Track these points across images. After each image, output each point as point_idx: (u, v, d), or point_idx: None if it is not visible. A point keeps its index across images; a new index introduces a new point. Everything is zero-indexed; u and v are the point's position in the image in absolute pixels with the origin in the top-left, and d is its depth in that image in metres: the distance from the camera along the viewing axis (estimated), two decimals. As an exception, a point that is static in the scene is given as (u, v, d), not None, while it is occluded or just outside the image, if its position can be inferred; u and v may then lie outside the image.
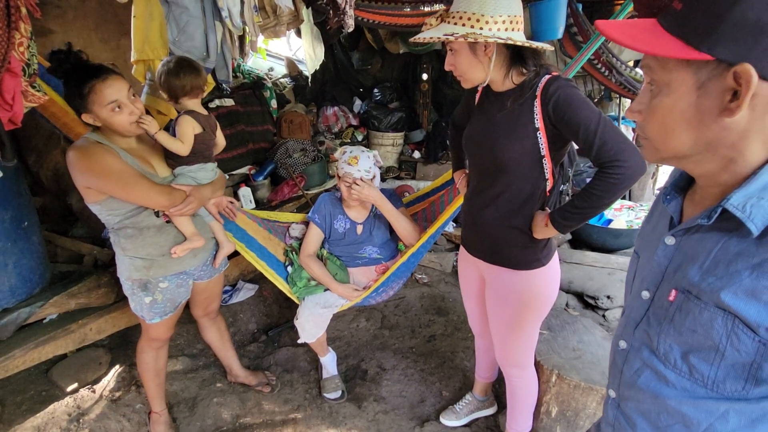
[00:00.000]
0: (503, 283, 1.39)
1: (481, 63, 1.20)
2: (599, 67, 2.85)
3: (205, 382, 2.11)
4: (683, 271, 0.60)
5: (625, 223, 2.87)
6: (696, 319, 0.57)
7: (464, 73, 1.23)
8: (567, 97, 1.14)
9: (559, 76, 1.20)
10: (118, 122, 1.33)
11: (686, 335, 0.59)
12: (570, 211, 1.19)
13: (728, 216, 0.54)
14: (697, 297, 0.57)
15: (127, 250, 1.48)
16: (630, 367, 0.69)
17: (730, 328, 0.54)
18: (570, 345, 1.71)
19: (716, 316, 0.55)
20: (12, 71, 0.92)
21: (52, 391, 2.00)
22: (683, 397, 0.61)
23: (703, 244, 0.58)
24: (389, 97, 4.39)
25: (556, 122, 1.17)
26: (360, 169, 1.84)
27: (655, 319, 0.65)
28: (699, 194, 0.63)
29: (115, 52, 2.75)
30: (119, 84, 1.32)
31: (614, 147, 1.09)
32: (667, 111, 0.55)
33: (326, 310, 1.91)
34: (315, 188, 3.38)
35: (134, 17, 1.76)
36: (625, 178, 1.09)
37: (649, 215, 0.78)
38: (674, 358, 0.61)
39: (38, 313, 1.74)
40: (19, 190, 1.70)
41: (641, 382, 0.67)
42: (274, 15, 2.30)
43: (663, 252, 0.65)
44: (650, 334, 0.65)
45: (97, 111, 1.30)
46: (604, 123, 1.11)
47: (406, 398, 2.05)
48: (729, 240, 0.55)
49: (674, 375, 0.62)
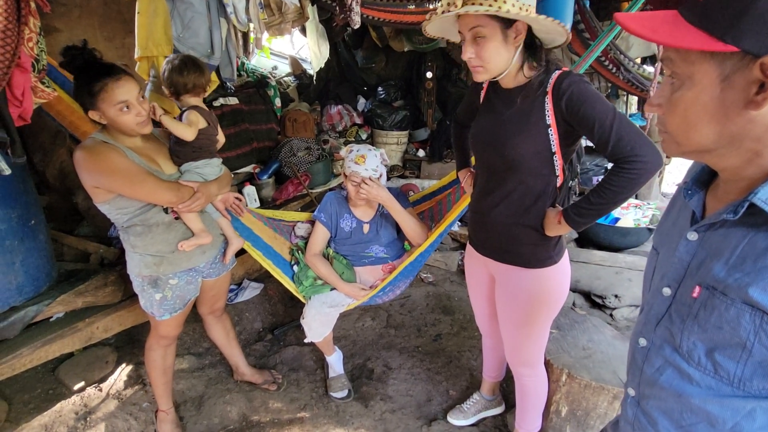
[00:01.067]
0: (515, 282, 1.38)
1: (508, 51, 1.16)
2: (607, 64, 2.82)
3: (211, 381, 2.11)
4: (707, 267, 0.59)
5: (632, 222, 2.84)
6: (722, 315, 0.56)
7: (488, 62, 1.15)
8: (581, 93, 1.12)
9: (570, 71, 1.18)
10: (123, 122, 1.33)
11: (711, 332, 0.58)
12: (585, 207, 1.17)
13: (755, 210, 0.53)
14: (723, 293, 0.56)
15: (136, 248, 1.49)
16: (651, 365, 0.68)
17: (758, 324, 0.52)
18: (580, 344, 1.69)
19: (744, 313, 0.53)
20: (22, 66, 0.92)
21: (59, 390, 2.00)
22: (708, 396, 0.60)
23: (729, 239, 0.57)
24: (393, 96, 4.37)
25: (570, 118, 1.15)
26: (368, 168, 1.83)
27: (677, 316, 0.63)
28: (722, 189, 0.62)
29: (120, 50, 2.75)
30: (130, 85, 1.32)
31: (631, 142, 1.07)
32: (689, 104, 0.54)
33: (333, 309, 1.90)
34: (319, 187, 3.37)
35: (138, 14, 1.75)
36: (642, 173, 1.08)
37: (668, 210, 0.76)
38: (698, 356, 0.60)
39: (45, 311, 1.74)
40: (25, 188, 1.70)
41: (663, 380, 0.65)
42: (279, 12, 2.29)
43: (685, 248, 0.63)
44: (672, 331, 0.64)
45: (105, 109, 1.30)
46: (619, 118, 1.09)
47: (413, 397, 2.03)
48: (756, 235, 0.54)
49: (698, 373, 0.60)
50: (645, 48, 3.21)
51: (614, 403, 1.49)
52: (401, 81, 4.59)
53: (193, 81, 1.51)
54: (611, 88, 3.66)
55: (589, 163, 3.39)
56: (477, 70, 1.18)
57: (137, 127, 1.36)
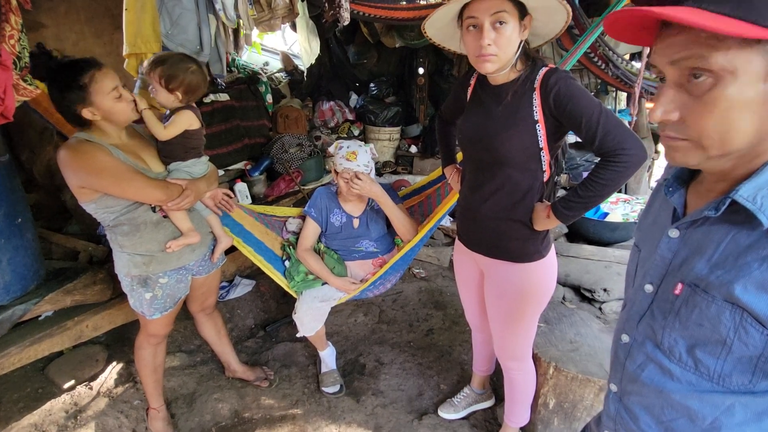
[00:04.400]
0: (504, 276, 1.39)
1: (517, 42, 1.16)
2: (596, 60, 2.84)
3: (203, 378, 2.11)
4: (689, 265, 0.59)
5: (621, 217, 2.88)
6: (703, 312, 0.56)
7: (504, 50, 1.14)
8: (568, 89, 1.14)
9: (557, 68, 1.20)
10: (121, 110, 1.33)
11: (692, 329, 0.58)
12: (573, 200, 1.19)
13: (737, 208, 0.53)
14: (704, 290, 0.56)
15: (124, 247, 1.47)
16: (633, 362, 0.68)
17: (738, 321, 0.53)
18: (567, 337, 1.72)
19: (724, 310, 0.54)
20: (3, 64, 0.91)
21: (49, 389, 1.99)
22: (688, 391, 0.61)
23: (711, 236, 0.57)
24: (385, 92, 4.37)
25: (557, 114, 1.17)
26: (359, 164, 1.84)
27: (659, 313, 0.64)
28: (704, 186, 0.62)
29: (108, 46, 2.72)
30: (112, 73, 1.32)
31: (617, 136, 1.09)
32: (731, 102, 0.49)
33: (324, 304, 1.91)
34: (312, 183, 3.37)
35: (126, 10, 1.73)
36: (629, 166, 1.10)
37: (648, 207, 0.77)
38: (679, 352, 0.61)
39: (34, 310, 1.72)
40: (12, 186, 1.68)
41: (645, 376, 0.66)
42: (269, 8, 2.28)
43: (667, 245, 0.63)
44: (654, 328, 0.64)
45: (100, 101, 1.29)
46: (605, 113, 1.11)
47: (404, 392, 2.05)
48: (738, 232, 0.54)
49: (679, 369, 0.61)
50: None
51: (600, 395, 1.52)
52: (393, 77, 4.58)
53: (200, 80, 1.49)
54: (601, 84, 3.69)
55: (579, 159, 3.42)
56: (489, 59, 1.15)
57: (132, 114, 1.37)
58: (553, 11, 1.15)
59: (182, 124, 1.50)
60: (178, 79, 1.44)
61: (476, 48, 1.15)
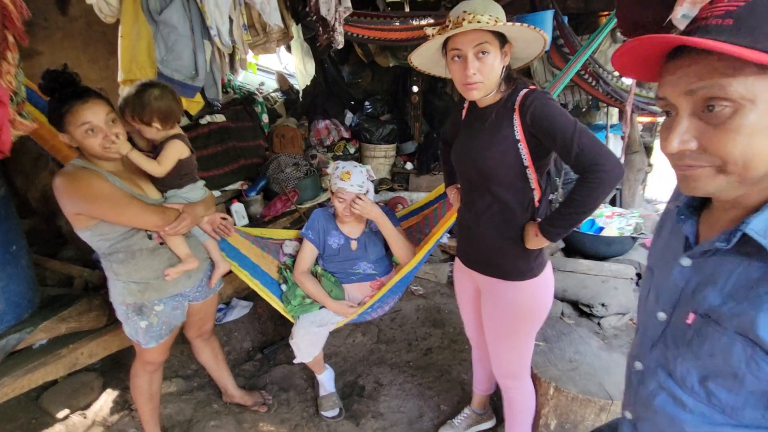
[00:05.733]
0: (498, 294, 1.40)
1: (500, 69, 1.21)
2: (586, 78, 2.89)
3: (200, 404, 2.08)
4: (702, 294, 0.58)
5: (616, 231, 2.89)
6: (715, 344, 0.56)
7: (488, 78, 1.19)
8: (543, 108, 1.17)
9: (535, 89, 1.25)
10: (89, 145, 1.31)
11: (704, 360, 0.57)
12: (557, 218, 1.21)
13: (747, 239, 0.53)
14: (716, 322, 0.55)
15: (120, 275, 1.46)
16: (645, 388, 0.67)
17: (749, 355, 0.52)
18: (566, 356, 1.71)
19: (735, 343, 0.53)
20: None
21: (43, 419, 1.95)
22: (701, 423, 0.59)
23: (723, 267, 0.57)
24: (380, 110, 4.42)
25: (535, 132, 1.20)
26: (353, 184, 1.85)
27: (672, 342, 0.63)
28: (715, 214, 0.62)
29: (104, 72, 2.74)
30: (97, 107, 1.29)
31: (591, 152, 1.11)
32: (755, 129, 0.49)
33: (322, 329, 1.89)
34: (308, 202, 3.38)
35: (121, 37, 1.76)
36: (604, 182, 1.11)
37: (659, 230, 0.76)
38: (692, 383, 0.60)
39: (28, 338, 1.70)
40: (7, 213, 1.67)
41: (657, 403, 0.65)
42: (264, 32, 2.32)
43: (679, 273, 0.63)
44: (667, 356, 0.63)
45: (72, 131, 1.29)
46: (580, 131, 1.14)
47: (404, 414, 2.03)
48: (750, 264, 0.53)
49: (692, 400, 0.60)
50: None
51: (601, 415, 1.50)
52: (388, 95, 4.65)
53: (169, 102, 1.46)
54: (592, 101, 3.74)
55: (573, 174, 3.44)
56: (476, 87, 1.20)
57: (103, 152, 1.32)
58: (531, 39, 1.20)
59: (174, 155, 1.49)
60: (147, 109, 1.41)
61: (462, 77, 1.20)
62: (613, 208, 3.12)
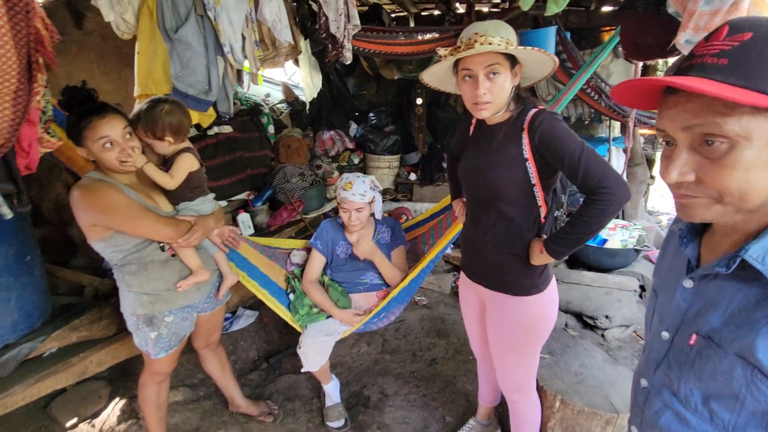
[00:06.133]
0: (502, 309, 1.42)
1: (509, 89, 1.24)
2: (589, 92, 2.94)
3: (206, 413, 2.09)
4: (704, 317, 0.60)
5: (619, 243, 2.91)
6: (716, 366, 0.57)
7: (498, 98, 1.22)
8: (551, 129, 1.20)
9: (544, 109, 1.27)
10: (106, 159, 1.34)
11: (706, 381, 0.59)
12: (563, 237, 1.23)
13: (746, 265, 0.55)
14: (717, 344, 0.57)
15: (131, 287, 1.49)
16: (651, 407, 0.69)
17: (749, 377, 0.54)
18: (572, 369, 1.72)
19: (736, 365, 0.55)
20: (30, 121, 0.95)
21: (52, 427, 1.96)
22: None
23: (724, 290, 0.58)
24: (385, 121, 4.48)
25: (543, 152, 1.23)
26: (354, 193, 1.89)
27: (675, 362, 0.65)
28: (716, 238, 0.63)
29: (117, 83, 2.81)
30: (115, 122, 1.33)
31: (598, 174, 1.14)
32: (750, 165, 0.51)
33: (329, 338, 1.91)
34: (313, 212, 3.41)
35: (138, 54, 1.81)
36: (610, 203, 1.14)
37: (663, 251, 0.78)
38: (695, 403, 0.61)
39: (39, 347, 1.73)
40: (22, 225, 1.71)
41: (662, 422, 0.66)
42: (273, 47, 2.38)
43: (681, 295, 0.65)
44: (671, 376, 0.65)
45: (89, 146, 1.33)
46: (587, 152, 1.17)
47: (409, 425, 2.03)
48: (750, 289, 0.55)
49: (695, 419, 0.61)
50: (625, 76, 3.35)
51: (607, 428, 1.52)
52: (392, 107, 4.71)
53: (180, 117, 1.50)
54: (594, 114, 3.79)
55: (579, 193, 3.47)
56: (485, 107, 1.23)
57: (120, 166, 1.36)
58: (540, 61, 1.23)
59: (185, 168, 1.53)
60: (159, 125, 1.45)
61: (473, 96, 1.22)
62: (616, 221, 3.15)
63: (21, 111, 0.91)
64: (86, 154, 1.36)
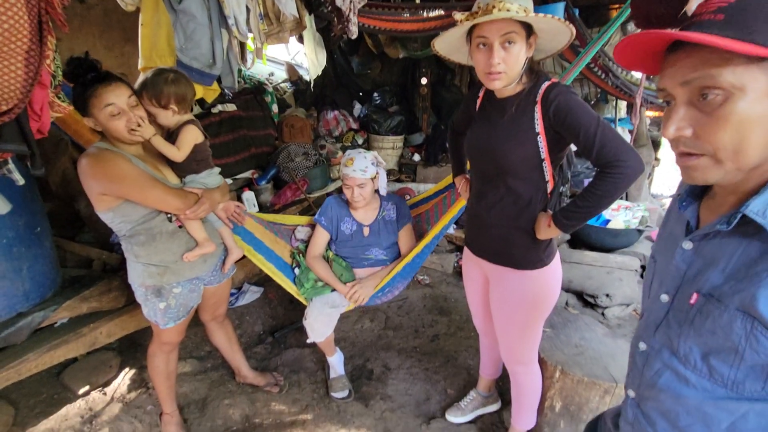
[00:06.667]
0: (507, 283, 1.44)
1: (523, 59, 1.21)
2: (596, 71, 2.90)
3: (214, 384, 2.15)
4: (704, 275, 0.62)
5: (622, 223, 2.92)
6: (716, 321, 0.59)
7: (512, 68, 1.19)
8: (567, 103, 1.18)
9: (558, 82, 1.25)
10: (114, 128, 1.34)
11: (706, 337, 0.60)
12: (573, 210, 1.23)
13: (747, 221, 0.56)
14: (718, 300, 0.58)
15: (140, 257, 1.50)
16: (650, 369, 0.71)
17: (749, 330, 0.55)
18: (572, 342, 1.76)
19: (735, 319, 0.56)
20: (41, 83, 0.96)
21: (64, 394, 2.02)
22: (704, 398, 0.62)
23: (723, 248, 0.60)
24: (389, 101, 4.44)
25: (557, 126, 1.21)
26: (355, 169, 1.90)
27: (675, 322, 0.66)
28: (716, 201, 0.65)
29: (120, 59, 2.79)
30: (119, 90, 1.33)
31: (613, 148, 1.14)
32: (744, 116, 0.52)
33: (334, 310, 1.95)
34: (317, 191, 3.43)
35: (142, 25, 1.79)
36: (625, 177, 1.14)
37: (665, 220, 0.79)
38: (694, 360, 0.63)
39: (51, 317, 1.77)
40: (32, 196, 1.73)
41: (662, 382, 0.68)
42: (278, 22, 2.35)
43: (681, 257, 0.66)
44: (670, 336, 0.67)
45: (96, 114, 1.32)
46: (602, 126, 1.16)
47: (412, 396, 2.09)
48: (749, 244, 0.57)
49: (694, 376, 0.63)
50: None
51: (605, 397, 1.55)
52: (396, 87, 4.67)
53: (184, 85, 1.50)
54: (601, 93, 3.75)
55: (581, 166, 3.47)
56: (498, 77, 1.20)
57: (128, 134, 1.36)
58: (557, 31, 1.21)
59: (190, 140, 1.54)
60: (164, 93, 1.45)
61: (486, 66, 1.20)
62: (620, 201, 3.15)
63: (33, 72, 0.91)
64: (93, 124, 1.36)
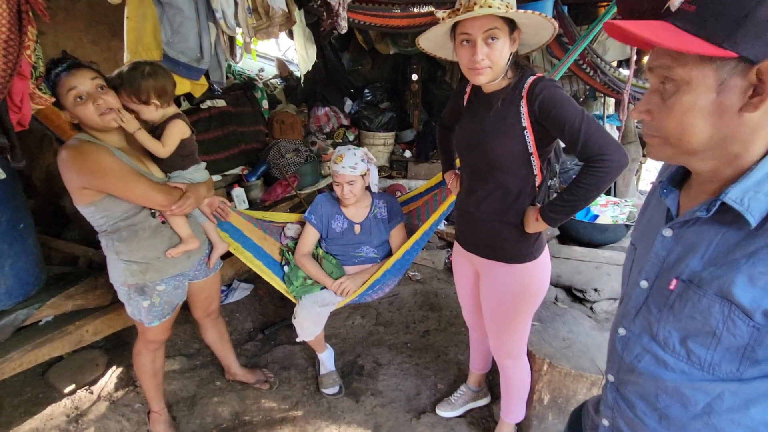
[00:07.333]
0: (497, 277, 1.45)
1: (508, 54, 1.22)
2: (584, 68, 2.93)
3: (203, 381, 2.13)
4: (684, 262, 0.63)
5: (610, 219, 2.95)
6: (695, 306, 0.60)
7: (497, 63, 1.20)
8: (552, 97, 1.19)
9: (543, 77, 1.26)
10: (83, 114, 1.29)
11: (685, 321, 0.62)
12: (559, 204, 1.24)
13: (726, 208, 0.58)
14: (697, 286, 0.60)
15: (121, 254, 1.45)
16: (630, 353, 0.72)
17: (726, 314, 0.57)
18: (560, 335, 1.77)
19: (714, 303, 0.58)
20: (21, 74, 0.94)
21: (49, 393, 1.99)
22: (682, 380, 0.64)
23: (703, 235, 0.61)
24: (380, 98, 4.44)
25: (542, 120, 1.22)
26: (344, 166, 1.89)
27: (654, 307, 0.68)
28: (696, 188, 0.67)
29: (106, 53, 2.74)
30: (81, 74, 1.27)
31: (598, 142, 1.15)
32: (686, 108, 0.56)
33: (323, 309, 1.94)
34: (308, 188, 3.41)
35: (127, 18, 1.76)
36: (609, 170, 1.15)
37: (644, 208, 0.81)
38: (673, 344, 0.65)
39: (35, 314, 1.74)
40: (15, 192, 1.70)
41: (641, 366, 0.70)
42: (267, 16, 2.32)
43: (661, 243, 0.67)
44: (650, 321, 0.68)
45: (63, 103, 1.28)
46: (587, 120, 1.17)
47: (402, 392, 2.09)
48: (728, 231, 0.58)
49: (673, 359, 0.65)
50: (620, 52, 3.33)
51: (592, 389, 1.57)
52: (387, 83, 4.66)
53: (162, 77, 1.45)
54: (589, 90, 3.78)
55: (570, 163, 3.50)
56: (483, 71, 1.21)
57: (100, 119, 1.30)
58: (540, 26, 1.22)
59: (177, 135, 1.50)
60: (143, 88, 1.40)
61: (470, 62, 1.21)
62: (607, 197, 3.19)
63: (12, 62, 0.89)
64: (70, 118, 1.32)
